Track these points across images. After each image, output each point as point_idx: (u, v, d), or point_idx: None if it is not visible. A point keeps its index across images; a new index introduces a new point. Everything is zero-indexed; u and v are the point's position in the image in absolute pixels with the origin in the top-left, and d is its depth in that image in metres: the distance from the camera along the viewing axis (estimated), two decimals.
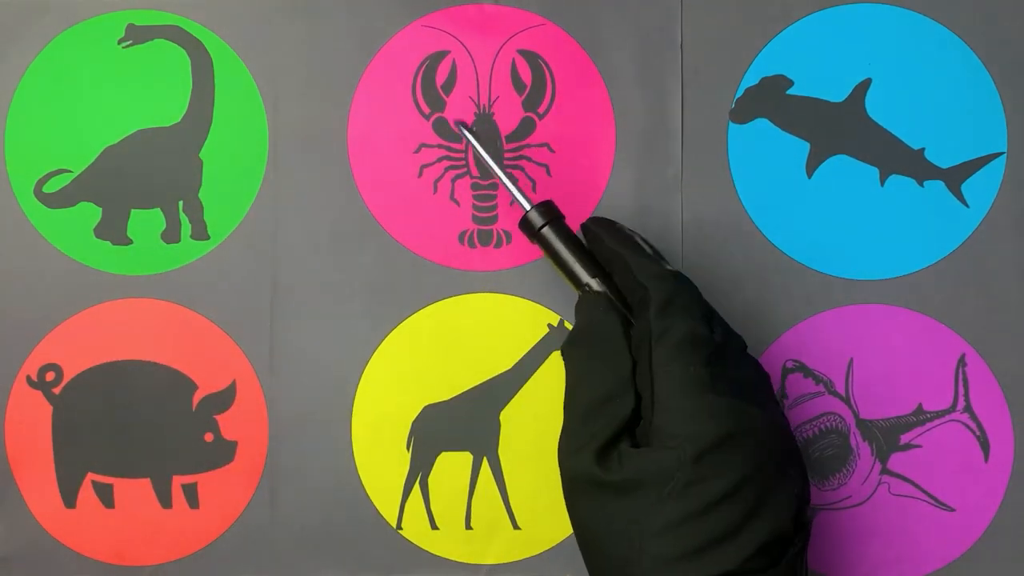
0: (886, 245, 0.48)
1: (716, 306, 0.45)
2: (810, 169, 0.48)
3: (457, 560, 0.48)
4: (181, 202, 0.48)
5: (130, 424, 0.48)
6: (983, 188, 0.48)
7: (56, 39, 0.48)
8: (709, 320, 0.40)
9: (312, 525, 0.48)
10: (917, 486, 0.48)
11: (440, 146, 0.48)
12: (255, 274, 0.48)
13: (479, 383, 0.48)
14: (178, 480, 0.48)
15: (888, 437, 0.48)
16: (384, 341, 0.48)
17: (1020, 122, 0.48)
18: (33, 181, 0.48)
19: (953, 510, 0.48)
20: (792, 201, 0.48)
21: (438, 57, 0.48)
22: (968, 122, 0.48)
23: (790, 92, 0.48)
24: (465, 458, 0.48)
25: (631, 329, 0.40)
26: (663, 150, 0.48)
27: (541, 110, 0.48)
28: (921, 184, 0.48)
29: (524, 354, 0.48)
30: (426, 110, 0.48)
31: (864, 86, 0.48)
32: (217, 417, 0.48)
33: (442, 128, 0.48)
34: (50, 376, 0.48)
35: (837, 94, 0.48)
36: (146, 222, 0.48)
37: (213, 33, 0.48)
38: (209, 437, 0.48)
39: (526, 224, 0.43)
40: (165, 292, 0.48)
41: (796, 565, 0.37)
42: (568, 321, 0.48)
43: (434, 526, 0.48)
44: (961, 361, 0.48)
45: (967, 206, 0.48)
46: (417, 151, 0.48)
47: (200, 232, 0.48)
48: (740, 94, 0.48)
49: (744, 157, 0.48)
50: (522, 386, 0.48)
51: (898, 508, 0.47)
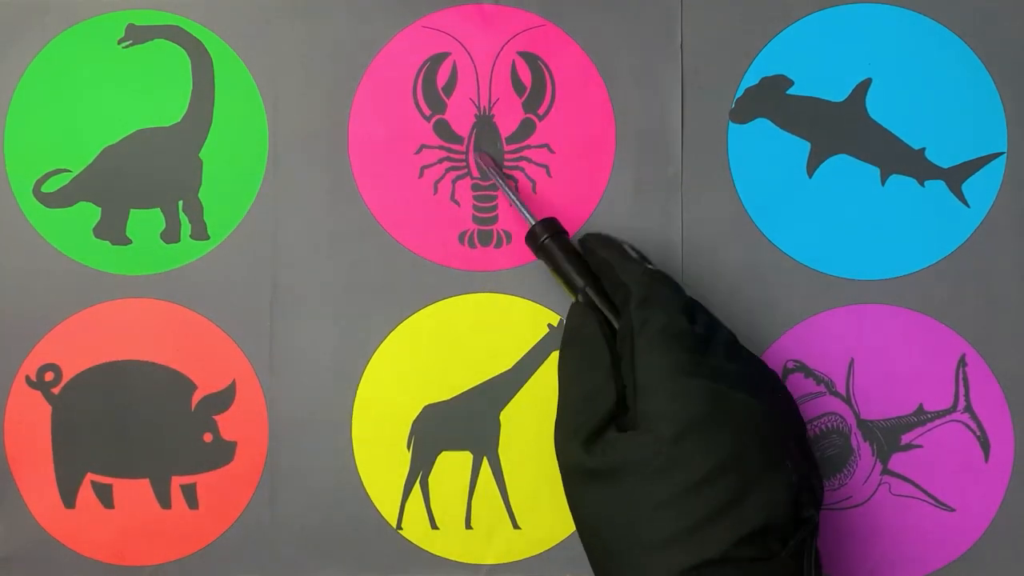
0: (886, 245, 0.48)
1: (716, 306, 0.45)
2: (810, 169, 0.48)
3: (457, 560, 0.48)
4: (181, 202, 0.48)
5: (129, 424, 0.48)
6: (983, 188, 0.48)
7: (56, 39, 0.48)
8: (690, 313, 0.41)
9: (312, 525, 0.48)
10: (918, 486, 0.48)
11: (440, 147, 0.48)
12: (255, 274, 0.48)
13: (479, 383, 0.48)
14: (177, 480, 0.48)
15: (889, 437, 0.48)
16: (384, 341, 0.48)
17: (1020, 122, 0.48)
18: (32, 181, 0.48)
19: (953, 510, 0.47)
20: (792, 201, 0.48)
21: (439, 59, 0.48)
22: (968, 122, 0.48)
23: (790, 92, 0.48)
24: (465, 458, 0.48)
25: (618, 327, 0.42)
26: (663, 150, 0.48)
27: (541, 111, 0.48)
28: (922, 184, 0.48)
29: (524, 354, 0.48)
30: (427, 112, 0.48)
31: (864, 86, 0.48)
32: (216, 417, 0.48)
33: (443, 130, 0.48)
34: (49, 376, 0.48)
35: (837, 94, 0.48)
36: (146, 222, 0.48)
37: (213, 33, 0.48)
38: (208, 437, 0.48)
39: (531, 238, 0.45)
40: (165, 292, 0.48)
41: (802, 562, 0.37)
42: None
43: (434, 526, 0.48)
44: (961, 361, 0.48)
45: (967, 206, 0.48)
46: (418, 152, 0.48)
47: (200, 232, 0.48)
48: (740, 94, 0.48)
49: (744, 157, 0.48)
50: (522, 386, 0.48)
51: (899, 508, 0.47)
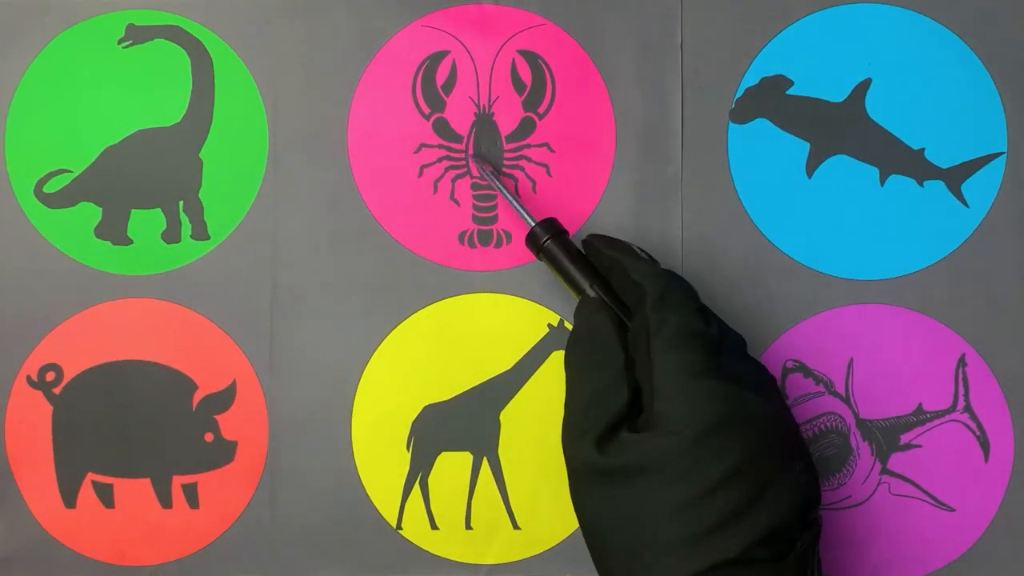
0: (886, 245, 0.48)
1: (716, 306, 0.45)
2: (810, 169, 0.48)
3: (457, 560, 0.48)
4: (181, 202, 0.48)
5: (130, 424, 0.48)
6: (983, 188, 0.48)
7: (56, 39, 0.48)
8: (704, 315, 0.40)
9: (312, 525, 0.48)
10: (917, 486, 0.48)
11: (440, 146, 0.48)
12: (255, 274, 0.48)
13: (479, 383, 0.48)
14: (178, 480, 0.48)
15: (888, 437, 0.48)
16: (384, 341, 0.48)
17: (1020, 122, 0.48)
18: (33, 181, 0.48)
19: (953, 510, 0.48)
20: (792, 201, 0.48)
21: (438, 57, 0.48)
22: (968, 122, 0.48)
23: (790, 92, 0.48)
24: (465, 458, 0.48)
25: (629, 327, 0.41)
26: (663, 150, 0.48)
27: (541, 110, 0.48)
28: (921, 184, 0.48)
29: (524, 354, 0.48)
30: (426, 110, 0.48)
31: (864, 86, 0.48)
32: (217, 417, 0.48)
33: (442, 128, 0.48)
34: (50, 376, 0.48)
35: (837, 94, 0.48)
36: (146, 222, 0.48)
37: (213, 33, 0.48)
38: (209, 437, 0.48)
39: (532, 239, 0.44)
40: (165, 292, 0.48)
41: (806, 563, 0.37)
42: (568, 322, 0.48)
43: (434, 526, 0.48)
44: (961, 361, 0.48)
45: (967, 206, 0.48)
46: (417, 151, 0.48)
47: (200, 232, 0.48)
48: (740, 94, 0.48)
49: (744, 157, 0.48)
50: (522, 386, 0.48)
51: (898, 508, 0.47)
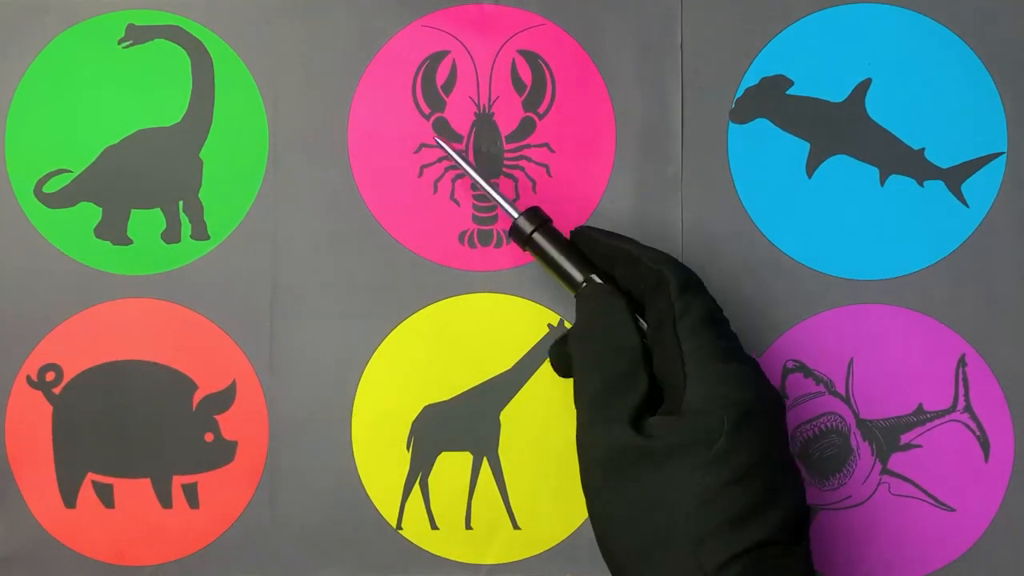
0: (886, 245, 0.48)
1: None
2: (810, 169, 0.48)
3: (457, 560, 0.48)
4: (181, 202, 0.48)
5: (130, 424, 0.48)
6: (983, 188, 0.48)
7: (56, 39, 0.48)
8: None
9: (312, 525, 0.48)
10: (917, 486, 0.48)
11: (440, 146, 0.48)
12: (255, 274, 0.48)
13: (479, 383, 0.48)
14: (178, 480, 0.48)
15: (888, 437, 0.48)
16: (384, 341, 0.48)
17: (1020, 122, 0.48)
18: (33, 181, 0.48)
19: (953, 510, 0.48)
20: (792, 201, 0.48)
21: (438, 57, 0.48)
22: (968, 122, 0.48)
23: (790, 92, 0.48)
24: (465, 458, 0.48)
25: (645, 312, 0.40)
26: (663, 150, 0.48)
27: (541, 110, 0.48)
28: (921, 184, 0.48)
29: (524, 354, 0.48)
30: (426, 110, 0.48)
31: (864, 86, 0.48)
32: (217, 417, 0.48)
33: (442, 128, 0.48)
34: (50, 376, 0.48)
35: (837, 94, 0.48)
36: (146, 222, 0.48)
37: (213, 33, 0.48)
38: (209, 437, 0.48)
39: (516, 232, 0.44)
40: (165, 292, 0.48)
41: (809, 552, 0.38)
42: (568, 321, 0.48)
43: (434, 526, 0.48)
44: (961, 361, 0.48)
45: (967, 206, 0.48)
46: (417, 151, 0.48)
47: (200, 232, 0.48)
48: (740, 94, 0.48)
49: (744, 157, 0.48)
50: (522, 386, 0.48)
51: (898, 508, 0.47)
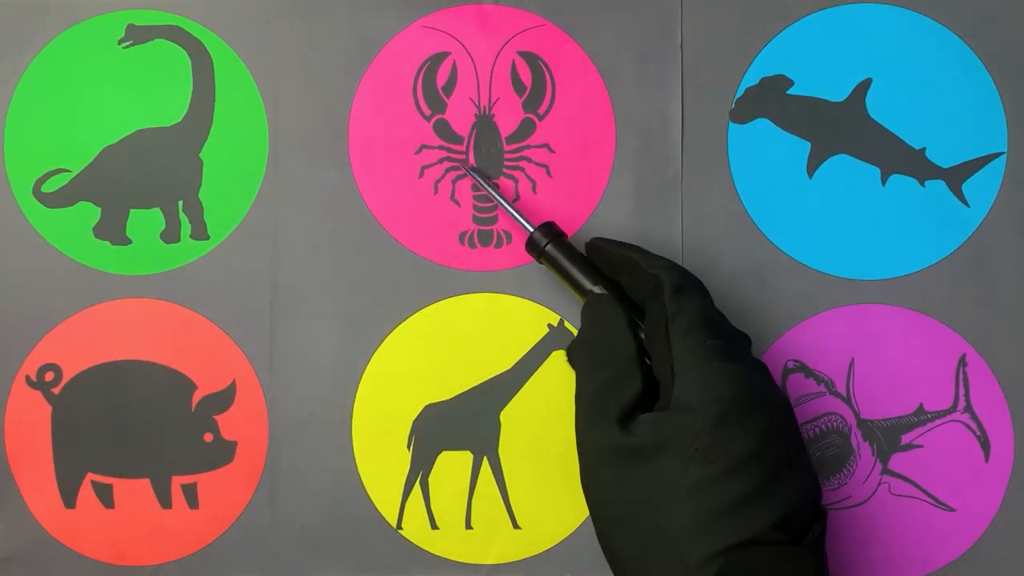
0: (887, 245, 0.48)
1: (716, 306, 0.45)
2: (811, 169, 0.48)
3: (457, 560, 0.48)
4: (181, 202, 0.48)
5: (130, 424, 0.48)
6: (983, 188, 0.48)
7: (56, 39, 0.48)
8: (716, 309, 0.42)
9: (312, 525, 0.48)
10: (918, 486, 0.47)
11: (441, 147, 0.48)
12: (255, 274, 0.48)
13: (479, 383, 0.48)
14: (178, 480, 0.48)
15: (889, 437, 0.48)
16: (384, 341, 0.48)
17: (1020, 122, 0.48)
18: (32, 181, 0.48)
19: (953, 510, 0.47)
20: (792, 201, 0.48)
21: (439, 58, 0.48)
22: (968, 122, 0.48)
23: (790, 92, 0.48)
24: (465, 458, 0.48)
25: (644, 319, 0.42)
26: (663, 150, 0.48)
27: (541, 111, 0.48)
28: (922, 184, 0.48)
29: (524, 354, 0.48)
30: (427, 111, 0.48)
31: (864, 86, 0.48)
32: (217, 417, 0.48)
33: (443, 129, 0.48)
34: (49, 376, 0.48)
35: (837, 94, 0.48)
36: (145, 222, 0.48)
37: (213, 33, 0.48)
38: (209, 437, 0.48)
39: (531, 245, 0.45)
40: (165, 292, 0.48)
41: (817, 552, 0.38)
42: (568, 321, 0.48)
43: (434, 526, 0.48)
44: (962, 361, 0.48)
45: (968, 206, 0.48)
46: (418, 152, 0.48)
47: (200, 232, 0.48)
48: (740, 94, 0.48)
49: (744, 157, 0.48)
50: (522, 386, 0.48)
51: (898, 508, 0.47)
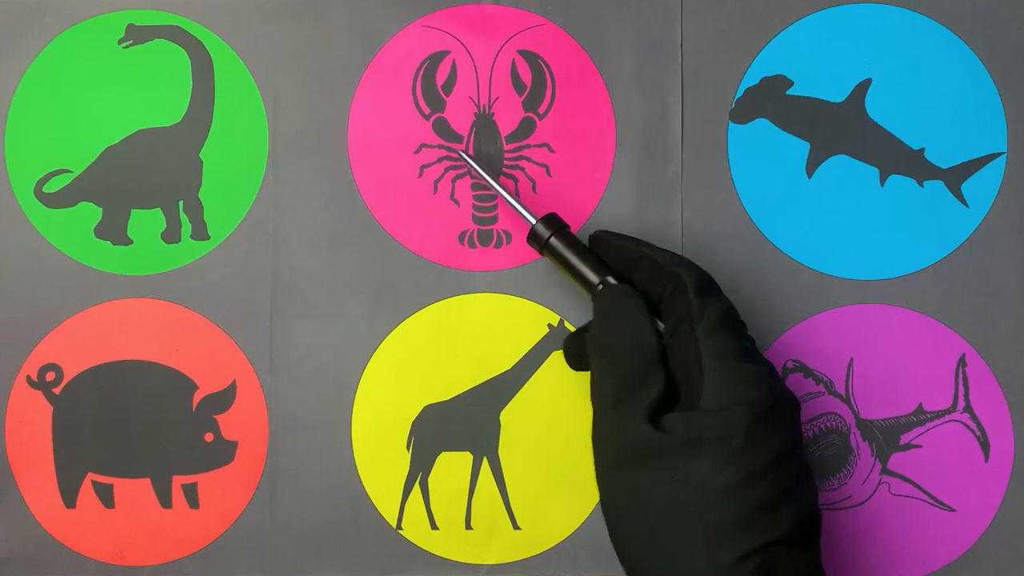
0: (886, 245, 0.48)
1: None
2: (810, 169, 0.48)
3: (457, 560, 0.48)
4: (181, 202, 0.48)
5: (130, 424, 0.48)
6: (983, 188, 0.48)
7: (56, 39, 0.48)
8: None
9: (312, 525, 0.48)
10: (917, 486, 0.48)
11: (440, 146, 0.48)
12: (255, 274, 0.48)
13: (479, 383, 0.48)
14: (178, 480, 0.48)
15: (888, 437, 0.48)
16: (384, 341, 0.48)
17: (1020, 122, 0.48)
18: (33, 181, 0.48)
19: (953, 510, 0.48)
20: (792, 201, 0.48)
21: (438, 57, 0.48)
22: (968, 122, 0.48)
23: (790, 92, 0.48)
24: (465, 458, 0.48)
25: (662, 313, 0.41)
26: (663, 150, 0.48)
27: (541, 110, 0.48)
28: (921, 184, 0.48)
29: (524, 354, 0.48)
30: (426, 110, 0.48)
31: (864, 86, 0.48)
32: (217, 417, 0.48)
33: (442, 128, 0.48)
34: (50, 376, 0.48)
35: (837, 94, 0.48)
36: (146, 222, 0.48)
37: (213, 33, 0.48)
38: (209, 437, 0.48)
39: (534, 237, 0.44)
40: (165, 292, 0.48)
41: (819, 553, 0.38)
42: (568, 321, 0.48)
43: (434, 526, 0.48)
44: (961, 361, 0.48)
45: (967, 206, 0.48)
46: (417, 151, 0.48)
47: (200, 232, 0.48)
48: (740, 94, 0.48)
49: (744, 157, 0.48)
50: (522, 386, 0.48)
51: (898, 508, 0.47)
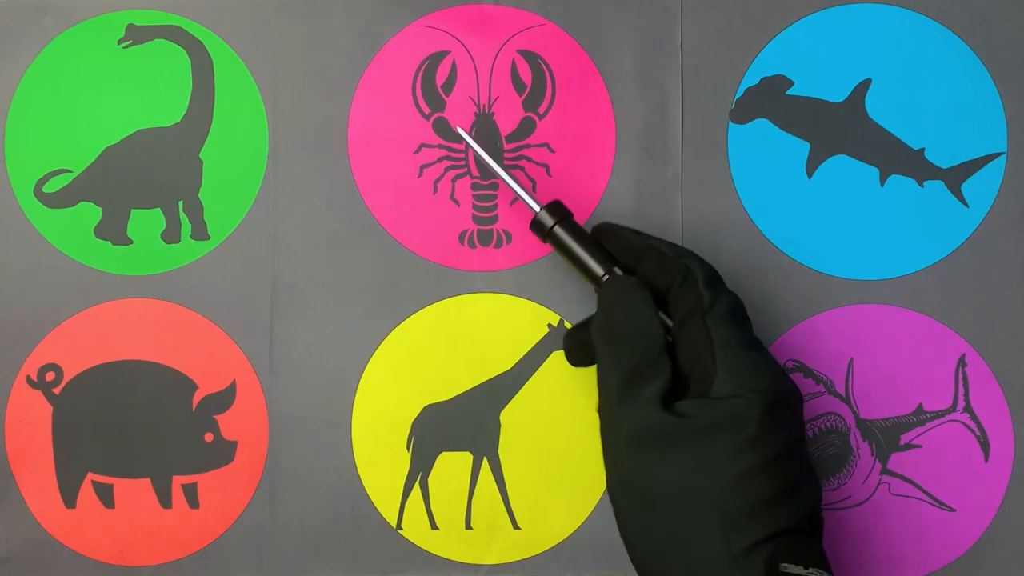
0: (886, 245, 0.48)
1: None
2: (810, 169, 0.48)
3: (457, 560, 0.48)
4: (181, 202, 0.48)
5: (130, 424, 0.48)
6: (983, 188, 0.48)
7: (56, 39, 0.48)
8: None
9: (312, 525, 0.48)
10: (917, 486, 0.48)
11: (440, 146, 0.48)
12: (255, 274, 0.48)
13: (479, 383, 0.48)
14: (178, 480, 0.48)
15: (888, 437, 0.48)
16: (384, 341, 0.48)
17: (1020, 122, 0.48)
18: (33, 181, 0.48)
19: (953, 510, 0.48)
20: (792, 201, 0.48)
21: (438, 57, 0.48)
22: (968, 122, 0.48)
23: (790, 92, 0.48)
24: (465, 458, 0.48)
25: (667, 305, 0.41)
26: (663, 150, 0.48)
27: (541, 110, 0.48)
28: (921, 184, 0.48)
29: (524, 354, 0.48)
30: (426, 110, 0.48)
31: (864, 86, 0.48)
32: (217, 417, 0.48)
33: (442, 128, 0.48)
34: (50, 376, 0.48)
35: (837, 94, 0.48)
36: (146, 222, 0.48)
37: (213, 33, 0.48)
38: (209, 437, 0.48)
39: (537, 225, 0.43)
40: (165, 292, 0.48)
41: (821, 543, 0.38)
42: (568, 321, 0.48)
43: (434, 526, 0.48)
44: (961, 361, 0.48)
45: (967, 206, 0.48)
46: (417, 151, 0.48)
47: (200, 232, 0.48)
48: (740, 94, 0.48)
49: (744, 157, 0.48)
50: (522, 386, 0.48)
51: (898, 508, 0.47)
